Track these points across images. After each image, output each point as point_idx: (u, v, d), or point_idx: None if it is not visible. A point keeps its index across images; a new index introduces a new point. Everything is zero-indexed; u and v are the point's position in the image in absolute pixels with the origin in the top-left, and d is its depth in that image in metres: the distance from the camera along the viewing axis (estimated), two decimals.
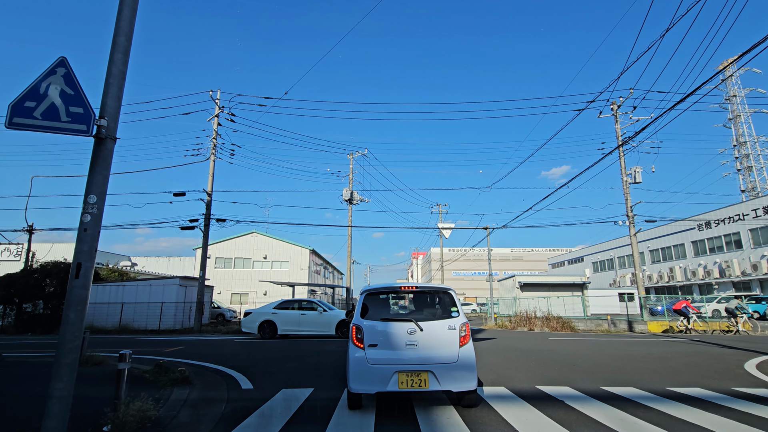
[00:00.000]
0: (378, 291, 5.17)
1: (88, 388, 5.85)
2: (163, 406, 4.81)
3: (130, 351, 4.39)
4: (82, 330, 3.50)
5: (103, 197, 3.76)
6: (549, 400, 5.19)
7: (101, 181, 3.76)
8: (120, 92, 4.01)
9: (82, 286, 3.52)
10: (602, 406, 4.83)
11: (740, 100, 49.92)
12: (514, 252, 76.83)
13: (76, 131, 3.42)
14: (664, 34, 10.84)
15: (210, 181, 21.30)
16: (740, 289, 32.11)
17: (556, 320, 19.64)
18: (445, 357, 4.51)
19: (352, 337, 4.70)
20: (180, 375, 6.44)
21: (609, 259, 49.70)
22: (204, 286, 20.67)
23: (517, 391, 5.68)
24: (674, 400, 5.12)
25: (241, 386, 6.15)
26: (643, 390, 5.74)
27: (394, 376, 4.38)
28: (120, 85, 4.01)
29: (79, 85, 3.50)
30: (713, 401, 5.09)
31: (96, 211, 3.68)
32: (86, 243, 3.60)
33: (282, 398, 5.28)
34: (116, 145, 3.90)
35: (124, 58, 4.07)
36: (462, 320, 4.78)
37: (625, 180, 21.63)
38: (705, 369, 7.72)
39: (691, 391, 5.69)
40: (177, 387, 6.01)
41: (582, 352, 10.37)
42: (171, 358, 9.43)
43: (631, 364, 8.40)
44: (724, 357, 9.47)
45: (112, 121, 3.88)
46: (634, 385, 6.06)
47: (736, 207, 33.19)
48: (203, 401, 5.18)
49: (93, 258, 3.64)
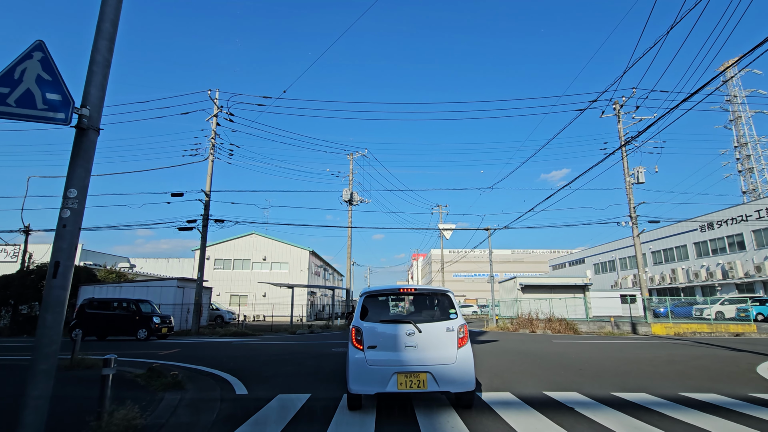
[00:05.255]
0: (377, 293, 5.18)
1: (74, 394, 5.61)
2: (152, 414, 4.56)
3: (116, 355, 4.15)
4: (60, 333, 3.26)
5: (84, 192, 3.53)
6: (557, 406, 4.94)
7: (83, 174, 3.53)
8: (104, 81, 3.78)
9: (61, 286, 3.28)
10: (614, 414, 4.58)
11: (741, 101, 49.76)
12: (514, 253, 76.53)
13: (54, 120, 3.19)
14: (669, 30, 10.64)
15: (208, 181, 21.08)
16: (743, 290, 31.83)
17: (559, 322, 19.38)
18: (443, 358, 4.52)
19: (352, 339, 4.70)
20: (172, 379, 6.19)
21: (610, 260, 49.44)
22: (202, 287, 20.42)
23: (524, 396, 5.43)
24: (689, 407, 4.87)
25: (235, 391, 5.90)
26: (656, 396, 5.49)
27: (394, 377, 4.39)
28: (104, 74, 3.78)
29: (57, 70, 3.27)
30: (730, 408, 4.83)
31: (76, 206, 3.44)
32: (65, 240, 3.36)
33: (277, 405, 5.03)
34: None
35: (109, 45, 3.83)
36: (460, 322, 4.77)
37: (628, 180, 21.39)
38: (716, 373, 7.46)
39: (706, 396, 5.44)
40: (169, 392, 5.76)
41: (587, 355, 10.11)
42: (165, 362, 9.17)
43: (638, 367, 8.14)
44: (734, 360, 9.21)
45: (95, 111, 3.65)
46: (645, 391, 5.81)
47: (739, 208, 32.95)
48: (195, 408, 4.93)
49: (72, 257, 3.40)
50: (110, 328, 15.75)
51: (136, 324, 15.51)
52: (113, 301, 16.42)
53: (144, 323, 15.49)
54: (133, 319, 15.60)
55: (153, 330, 15.45)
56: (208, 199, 20.78)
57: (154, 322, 15.55)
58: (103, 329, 15.74)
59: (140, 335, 15.38)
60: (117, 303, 16.26)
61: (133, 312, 15.76)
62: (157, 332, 15.59)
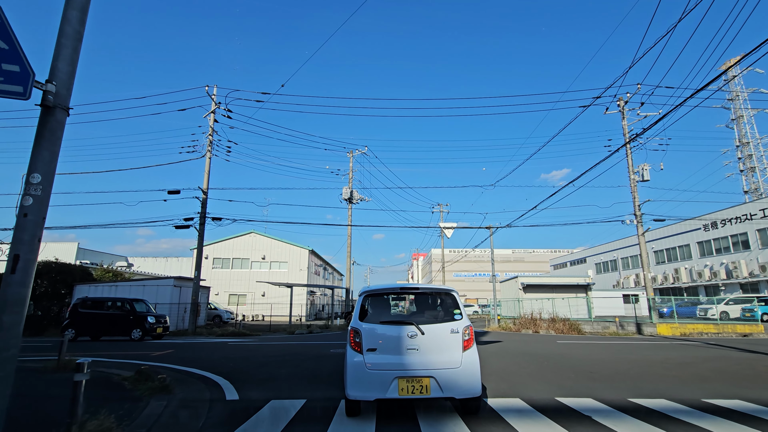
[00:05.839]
0: (377, 292, 4.87)
1: (56, 396, 5.24)
2: (132, 423, 4.19)
3: (90, 359, 3.77)
4: (20, 336, 2.89)
5: (50, 177, 3.15)
6: (573, 414, 4.57)
7: (48, 158, 3.15)
8: (75, 55, 3.41)
9: (21, 282, 2.91)
10: (636, 423, 4.20)
11: (743, 100, 49.34)
12: (515, 253, 76.13)
13: (9, 93, 2.82)
14: (679, 20, 10.28)
15: (206, 178, 20.70)
16: (748, 290, 31.45)
17: (562, 322, 19.00)
18: (447, 362, 4.27)
19: (350, 341, 4.44)
20: (160, 383, 5.82)
21: (612, 260, 49.05)
22: (199, 286, 20.04)
23: (535, 403, 5.05)
24: (716, 415, 4.49)
25: (225, 397, 5.52)
26: (677, 402, 5.11)
27: (394, 382, 4.14)
28: (75, 47, 3.40)
29: (15, 38, 2.89)
30: (761, 416, 4.46)
31: (40, 193, 3.07)
32: (27, 231, 2.99)
33: (269, 412, 4.66)
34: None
35: (80, 17, 3.46)
36: (465, 323, 4.52)
37: (632, 178, 21.01)
38: (734, 376, 7.09)
39: (731, 403, 5.06)
40: (155, 397, 5.39)
41: (596, 357, 9.74)
42: (157, 363, 8.81)
43: (651, 370, 7.77)
44: (749, 362, 8.84)
45: (64, 88, 3.28)
46: (664, 396, 5.44)
47: (744, 207, 32.57)
48: (179, 416, 4.56)
49: (35, 250, 3.03)
50: (104, 328, 15.37)
51: (130, 324, 15.13)
52: (107, 301, 16.04)
53: (138, 323, 15.11)
54: (127, 318, 15.22)
55: (148, 330, 15.07)
56: (206, 196, 20.41)
57: (149, 321, 15.17)
58: (96, 329, 15.36)
59: (134, 335, 15.00)
60: (111, 302, 15.88)
61: (128, 312, 15.38)
62: (151, 332, 15.21)
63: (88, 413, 3.66)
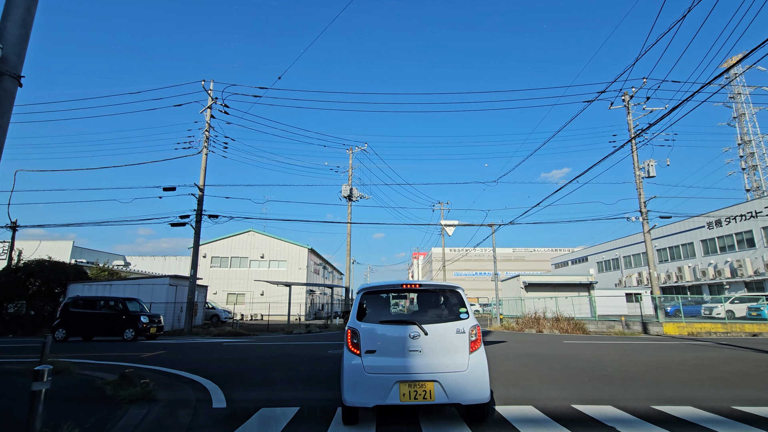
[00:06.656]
0: (377, 290, 4.51)
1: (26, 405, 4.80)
2: None
3: (50, 367, 3.32)
4: None
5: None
6: (594, 425, 4.12)
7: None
8: (28, 17, 2.95)
9: None
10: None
11: (745, 98, 48.86)
12: (516, 252, 75.73)
13: None
14: (685, 14, 9.82)
15: (202, 175, 20.25)
16: (753, 289, 31.03)
17: (567, 322, 18.58)
18: (453, 365, 3.94)
19: (347, 342, 4.10)
20: (141, 390, 5.37)
21: (614, 258, 48.64)
22: (195, 285, 19.59)
23: (550, 411, 4.61)
24: (752, 425, 4.05)
25: (212, 404, 5.07)
26: (705, 410, 4.67)
27: (395, 386, 3.82)
28: (28, 7, 2.95)
29: None
30: None
31: None
32: None
33: (257, 422, 4.22)
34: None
35: None
36: (472, 323, 4.19)
37: (638, 174, 20.55)
38: (758, 380, 6.66)
39: (765, 411, 4.63)
40: (135, 405, 4.95)
41: (606, 358, 9.30)
42: (145, 365, 8.38)
43: (668, 373, 7.34)
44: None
45: (13, 53, 2.82)
46: (689, 403, 5.00)
47: (749, 204, 32.13)
48: (159, 427, 4.12)
49: None
50: (96, 328, 14.93)
51: (122, 324, 14.68)
52: (99, 300, 15.59)
53: (131, 323, 14.66)
54: (119, 318, 14.77)
55: (140, 330, 14.63)
56: (202, 193, 19.95)
57: (142, 321, 14.73)
58: (88, 329, 14.92)
59: (127, 335, 14.56)
60: (103, 302, 15.42)
61: (120, 311, 14.93)
62: (145, 332, 14.77)
63: (48, 427, 3.21)
